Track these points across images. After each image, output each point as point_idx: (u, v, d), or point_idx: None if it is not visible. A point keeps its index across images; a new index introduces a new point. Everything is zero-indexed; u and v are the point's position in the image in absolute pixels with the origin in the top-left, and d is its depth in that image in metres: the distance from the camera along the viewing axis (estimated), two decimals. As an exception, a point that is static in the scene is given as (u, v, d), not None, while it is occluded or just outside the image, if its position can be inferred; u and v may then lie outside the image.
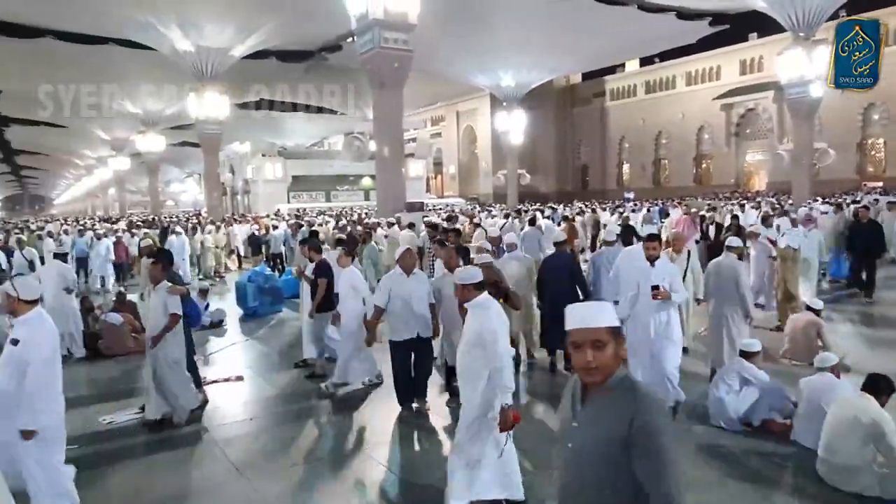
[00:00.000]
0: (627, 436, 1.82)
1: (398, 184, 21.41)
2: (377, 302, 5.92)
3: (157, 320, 5.85)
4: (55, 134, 47.37)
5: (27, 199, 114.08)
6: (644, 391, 1.92)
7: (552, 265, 7.09)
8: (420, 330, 5.89)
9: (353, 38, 25.21)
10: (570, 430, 1.98)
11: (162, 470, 5.11)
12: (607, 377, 1.91)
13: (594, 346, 1.90)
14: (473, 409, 3.92)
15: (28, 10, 24.79)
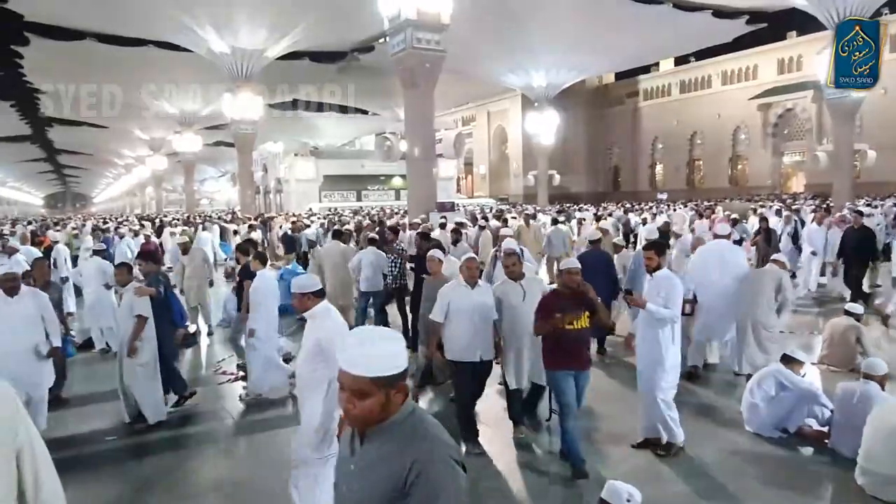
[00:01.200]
0: (404, 486, 1.59)
1: (429, 184, 21.45)
2: (435, 317, 5.15)
3: (125, 323, 5.85)
4: (96, 134, 48.70)
5: (69, 198, 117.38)
6: (430, 434, 1.67)
7: (587, 262, 7.06)
8: (483, 352, 5.09)
9: (385, 38, 25.36)
10: (347, 472, 1.76)
11: (197, 462, 5.22)
12: (373, 424, 1.66)
13: (353, 394, 1.64)
14: (315, 420, 3.78)
15: (70, 12, 25.54)
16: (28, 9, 25.09)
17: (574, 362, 4.66)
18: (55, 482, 2.36)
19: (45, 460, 2.33)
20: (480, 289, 5.19)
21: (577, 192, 55.48)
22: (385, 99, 38.88)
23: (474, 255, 5.50)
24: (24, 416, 2.29)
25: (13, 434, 2.21)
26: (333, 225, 16.93)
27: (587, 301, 4.62)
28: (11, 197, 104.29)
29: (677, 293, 4.83)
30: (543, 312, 4.65)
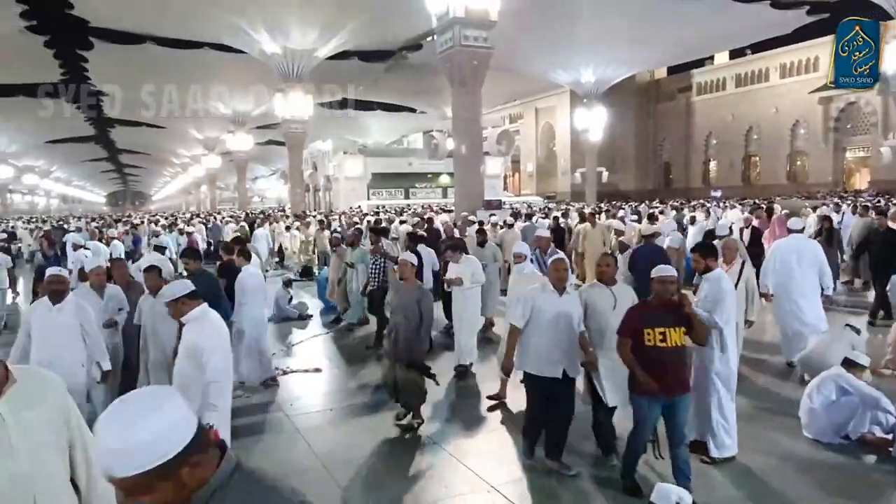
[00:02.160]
0: None
1: (476, 181, 21.45)
2: (515, 321, 4.65)
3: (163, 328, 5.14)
4: (155, 134, 50.54)
5: (129, 196, 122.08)
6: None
7: (642, 255, 7.14)
8: (567, 366, 4.53)
9: (433, 36, 25.46)
10: None
11: (247, 456, 5.35)
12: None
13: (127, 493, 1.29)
14: None
15: (132, 17, 26.56)
16: (93, 15, 26.20)
17: (667, 386, 3.96)
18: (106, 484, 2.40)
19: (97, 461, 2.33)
20: (569, 295, 4.62)
21: (626, 189, 54.49)
22: (432, 97, 39.03)
23: (563, 257, 4.86)
24: (73, 408, 2.35)
25: (65, 423, 2.28)
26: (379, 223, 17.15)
27: (682, 314, 4.04)
28: (76, 195, 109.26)
29: (722, 297, 4.62)
30: (628, 328, 4.11)
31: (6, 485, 2.12)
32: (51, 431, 2.23)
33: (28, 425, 2.16)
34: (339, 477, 4.83)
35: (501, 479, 4.68)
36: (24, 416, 2.17)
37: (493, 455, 5.18)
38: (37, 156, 63.03)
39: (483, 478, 4.72)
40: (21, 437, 2.14)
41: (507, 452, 5.20)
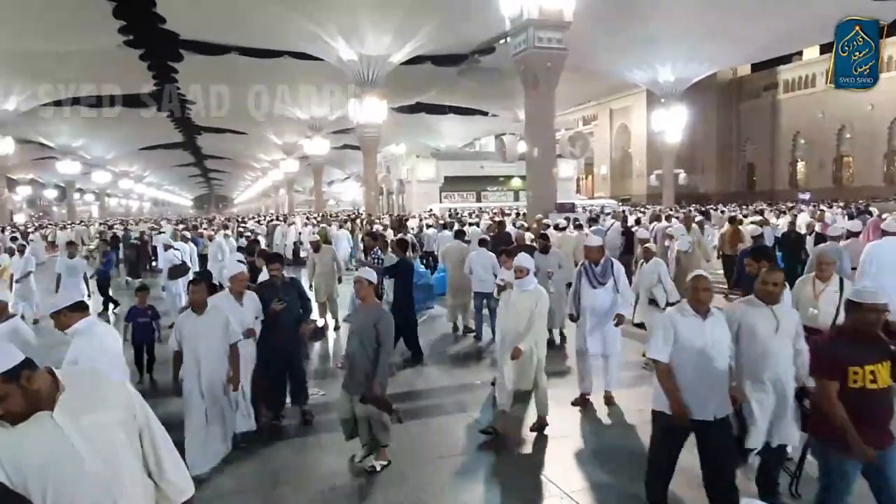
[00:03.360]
0: None
1: (549, 184, 21.20)
2: (658, 355, 3.89)
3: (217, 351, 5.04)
4: (237, 140, 52.83)
5: (213, 199, 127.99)
6: None
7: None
8: (717, 408, 3.79)
9: (506, 39, 25.37)
10: None
11: (320, 452, 5.49)
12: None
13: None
14: None
15: (217, 30, 27.87)
16: (183, 28, 27.66)
17: (878, 439, 3.23)
18: (177, 462, 2.45)
19: (165, 441, 2.41)
20: (714, 319, 3.87)
21: (705, 191, 52.51)
22: (505, 100, 38.91)
23: (704, 274, 4.00)
24: (136, 396, 2.38)
25: (132, 414, 2.31)
26: (454, 225, 17.23)
27: (884, 345, 3.31)
28: (166, 198, 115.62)
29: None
30: (830, 366, 3.31)
31: (83, 491, 2.13)
32: (118, 429, 2.24)
33: (91, 428, 2.15)
34: (409, 476, 4.87)
35: (575, 486, 4.60)
36: (86, 421, 2.16)
37: (566, 462, 5.11)
38: (131, 162, 67.20)
39: (556, 483, 4.66)
40: (86, 442, 2.13)
41: (580, 460, 5.12)
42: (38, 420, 2.10)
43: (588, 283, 6.36)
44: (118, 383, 2.38)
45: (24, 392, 2.05)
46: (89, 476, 2.12)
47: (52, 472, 2.09)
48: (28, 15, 23.67)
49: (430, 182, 45.81)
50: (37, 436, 2.09)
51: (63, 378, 2.19)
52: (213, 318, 5.06)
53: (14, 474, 2.06)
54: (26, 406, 2.07)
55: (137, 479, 2.30)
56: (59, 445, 2.10)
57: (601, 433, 5.76)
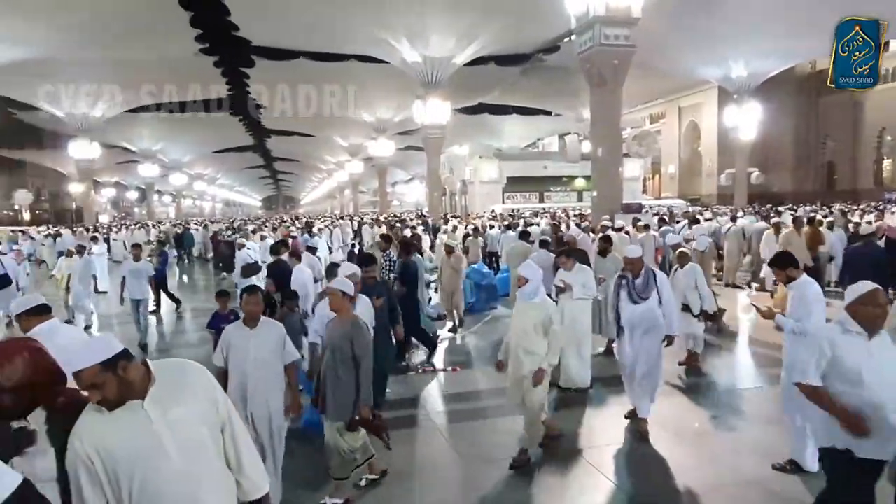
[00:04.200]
0: None
1: (614, 184, 20.79)
2: (812, 379, 3.31)
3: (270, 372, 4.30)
4: (305, 142, 54.28)
5: (281, 200, 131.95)
6: None
7: (861, 252, 7.01)
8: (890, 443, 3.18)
9: (571, 37, 25.04)
10: None
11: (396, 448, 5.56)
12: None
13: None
14: None
15: (287, 36, 28.71)
16: (255, 35, 28.66)
17: None
18: (256, 457, 2.52)
19: (244, 436, 2.48)
20: (882, 339, 3.27)
21: (780, 191, 50.22)
22: (569, 99, 38.41)
23: (878, 288, 3.33)
24: (221, 393, 2.45)
25: (215, 408, 2.38)
26: (509, 227, 17.16)
27: None
28: (237, 199, 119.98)
29: (811, 303, 4.57)
30: None
31: (166, 484, 2.20)
32: (202, 423, 2.31)
33: (178, 423, 2.24)
34: (478, 477, 4.87)
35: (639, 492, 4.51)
36: (172, 415, 2.24)
37: (632, 467, 5.01)
38: (206, 164, 70.10)
39: (621, 489, 4.58)
40: (172, 435, 2.21)
41: (638, 467, 5.00)
42: (130, 408, 2.20)
43: (628, 297, 5.73)
44: (205, 377, 2.44)
45: (119, 381, 2.16)
46: (173, 469, 2.20)
47: (139, 461, 2.18)
48: (113, 27, 25.02)
49: (493, 182, 45.75)
50: (128, 424, 2.19)
51: (155, 370, 2.30)
52: (267, 332, 4.28)
53: (106, 458, 2.17)
54: (120, 394, 2.18)
55: (218, 474, 2.37)
56: (147, 436, 2.19)
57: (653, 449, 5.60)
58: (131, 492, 2.19)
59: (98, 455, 2.17)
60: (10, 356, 2.30)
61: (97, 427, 2.19)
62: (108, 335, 2.33)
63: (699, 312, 7.62)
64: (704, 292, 7.61)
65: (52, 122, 40.67)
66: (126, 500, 2.20)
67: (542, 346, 4.94)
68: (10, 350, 2.35)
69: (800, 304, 4.58)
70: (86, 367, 2.13)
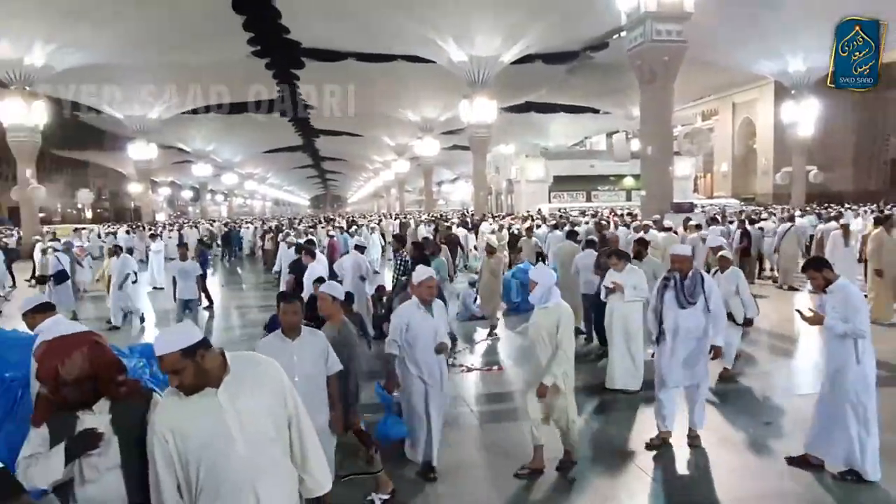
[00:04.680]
0: None
1: (665, 183, 20.36)
2: None
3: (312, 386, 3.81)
4: (352, 142, 55.03)
5: (329, 199, 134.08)
6: None
7: None
8: None
9: (620, 34, 24.65)
10: None
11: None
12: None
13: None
14: None
15: (336, 38, 29.16)
16: (305, 37, 29.19)
17: None
18: (321, 455, 2.59)
19: (310, 433, 2.56)
20: None
21: (840, 190, 48.19)
22: (617, 96, 37.82)
23: None
24: (290, 389, 2.52)
25: (283, 406, 2.46)
26: (556, 227, 17.00)
27: None
28: (286, 198, 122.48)
29: (856, 303, 4.44)
30: None
31: (229, 471, 2.30)
32: (269, 417, 2.40)
33: (246, 413, 2.33)
34: (523, 478, 4.83)
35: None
36: (242, 405, 2.34)
37: (682, 473, 4.90)
38: (256, 164, 71.78)
39: (672, 496, 4.47)
40: (239, 425, 2.31)
41: (690, 473, 4.87)
42: (205, 395, 2.33)
43: (674, 300, 5.20)
44: (275, 372, 2.53)
45: (197, 368, 2.29)
46: (238, 456, 2.30)
47: (207, 445, 2.30)
48: (170, 33, 25.87)
49: (539, 182, 45.43)
50: (201, 409, 2.32)
51: (230, 361, 2.41)
52: (311, 344, 3.90)
53: (179, 440, 2.30)
54: (197, 381, 2.31)
55: (281, 466, 2.44)
56: (217, 423, 2.31)
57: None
58: (198, 474, 2.30)
59: (172, 435, 2.30)
60: (69, 351, 2.42)
61: (173, 410, 2.34)
62: (189, 324, 2.46)
63: (742, 321, 7.25)
64: (746, 298, 7.24)
65: (112, 124, 42.41)
66: (193, 482, 2.32)
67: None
68: (70, 345, 2.47)
69: (845, 306, 4.42)
70: (168, 353, 2.26)
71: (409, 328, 4.71)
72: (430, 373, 4.76)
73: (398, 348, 4.74)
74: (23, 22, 23.19)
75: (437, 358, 4.80)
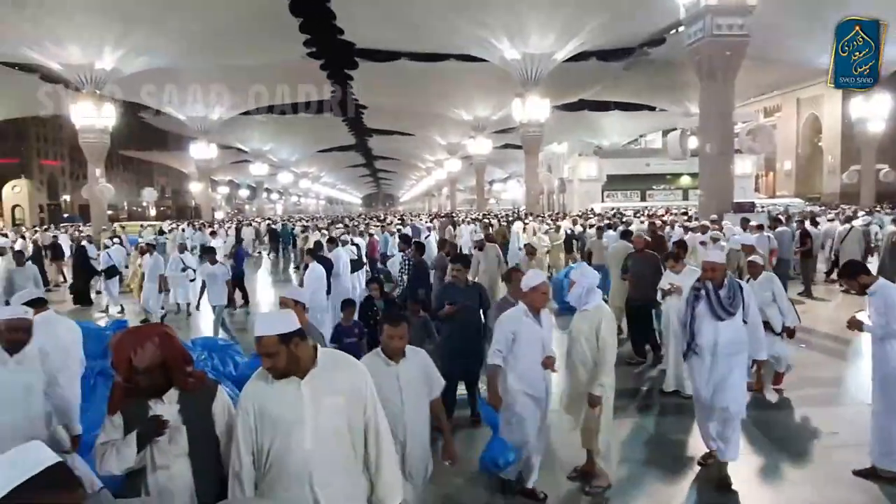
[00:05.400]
0: None
1: (725, 182, 19.74)
2: None
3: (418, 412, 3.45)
4: (405, 141, 55.50)
5: (381, 198, 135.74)
6: None
7: None
8: None
9: (677, 29, 24.03)
10: None
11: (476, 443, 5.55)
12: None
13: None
14: None
15: (390, 38, 29.43)
16: (359, 38, 29.58)
17: None
18: (395, 466, 2.64)
19: (388, 444, 2.59)
20: None
21: (913, 189, 45.71)
22: (674, 93, 36.86)
23: None
24: (372, 396, 2.56)
25: (362, 407, 2.51)
26: (617, 225, 16.71)
27: None
28: (339, 197, 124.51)
29: (891, 304, 4.32)
30: None
31: (291, 461, 2.39)
32: (344, 418, 2.46)
33: (322, 408, 2.41)
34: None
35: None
36: (320, 400, 2.42)
37: (754, 478, 4.74)
38: (310, 163, 73.21)
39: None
40: (313, 418, 2.39)
41: (746, 484, 4.72)
42: (290, 382, 2.43)
43: (709, 311, 4.70)
44: (361, 376, 2.58)
45: (290, 355, 2.39)
46: (304, 447, 2.39)
47: (281, 430, 2.41)
48: (230, 36, 26.63)
49: (592, 181, 44.80)
50: (284, 395, 2.42)
51: (320, 356, 2.51)
52: (415, 363, 3.46)
53: (259, 415, 2.43)
54: (287, 367, 2.41)
55: (347, 468, 2.48)
56: (294, 411, 2.40)
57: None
58: (268, 453, 2.42)
59: (254, 409, 2.43)
60: (142, 341, 2.53)
61: (260, 388, 2.47)
62: (289, 312, 2.55)
63: (782, 330, 6.74)
64: (784, 306, 6.78)
65: (175, 124, 44.00)
66: (263, 461, 2.44)
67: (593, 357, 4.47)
68: (143, 335, 2.59)
69: (887, 308, 4.31)
70: (266, 335, 2.38)
71: (515, 338, 4.28)
72: (536, 387, 4.36)
73: (503, 360, 4.30)
74: (94, 29, 24.29)
75: (543, 372, 4.40)
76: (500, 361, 4.27)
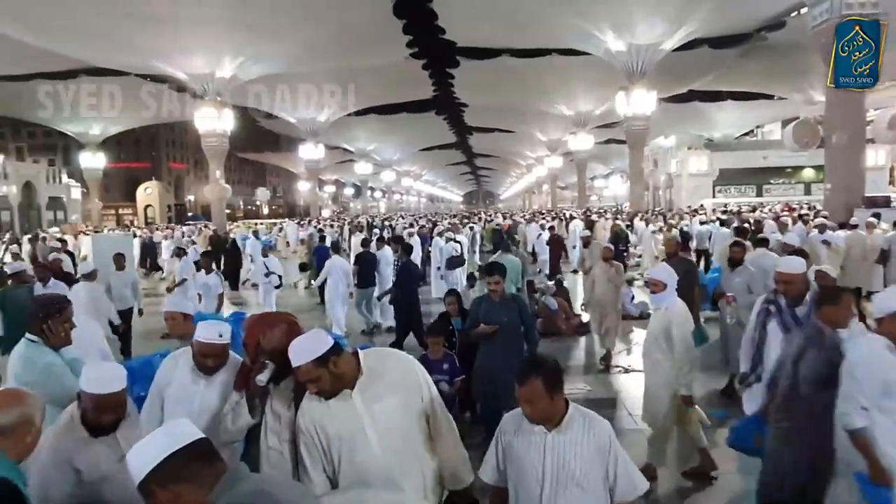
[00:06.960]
0: None
1: (854, 175, 18.10)
2: None
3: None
4: (505, 138, 55.34)
5: (481, 195, 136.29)
6: None
7: None
8: None
9: (799, 11, 22.36)
10: None
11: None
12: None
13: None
14: None
15: (490, 35, 29.38)
16: (459, 37, 29.77)
17: None
18: (460, 449, 2.62)
19: (450, 427, 2.60)
20: None
21: None
22: (796, 80, 34.28)
23: None
24: (426, 381, 2.59)
25: (419, 395, 2.52)
26: (732, 222, 15.81)
27: None
28: (440, 195, 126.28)
29: None
30: None
31: (366, 468, 2.39)
32: (404, 414, 2.47)
33: (380, 413, 2.41)
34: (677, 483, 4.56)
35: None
36: (376, 406, 2.41)
37: None
38: (412, 161, 74.72)
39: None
40: (374, 425, 2.39)
41: None
42: (342, 396, 2.42)
43: (781, 328, 4.01)
44: (409, 365, 2.60)
45: (332, 375, 2.37)
46: (373, 453, 2.39)
47: (345, 442, 2.40)
48: (336, 40, 27.59)
49: (703, 175, 42.68)
50: (339, 411, 2.41)
51: (363, 360, 2.50)
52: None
53: (323, 437, 2.43)
54: (334, 386, 2.40)
55: (418, 460, 2.51)
56: (354, 423, 2.40)
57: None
58: (340, 464, 2.42)
59: (314, 430, 2.43)
60: (272, 325, 2.66)
61: (315, 409, 2.45)
62: (319, 332, 2.54)
63: None
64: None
65: (285, 127, 46.30)
66: (335, 465, 2.45)
67: (667, 359, 4.30)
68: (273, 321, 2.73)
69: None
70: (301, 364, 2.35)
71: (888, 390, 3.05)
72: None
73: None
74: (214, 41, 26.01)
75: None
76: (867, 422, 3.00)
